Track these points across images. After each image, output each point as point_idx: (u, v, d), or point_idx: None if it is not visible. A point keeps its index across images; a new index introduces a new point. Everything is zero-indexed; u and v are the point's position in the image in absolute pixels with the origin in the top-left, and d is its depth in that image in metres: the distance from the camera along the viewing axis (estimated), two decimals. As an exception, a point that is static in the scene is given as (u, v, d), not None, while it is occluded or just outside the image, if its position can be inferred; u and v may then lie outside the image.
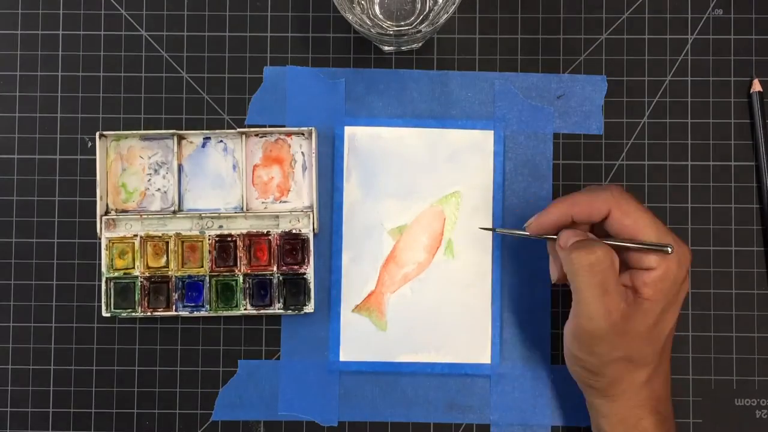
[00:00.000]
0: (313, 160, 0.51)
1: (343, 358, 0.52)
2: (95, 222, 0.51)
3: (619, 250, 0.43)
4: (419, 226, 0.52)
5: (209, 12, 0.53)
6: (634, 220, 0.43)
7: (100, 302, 0.51)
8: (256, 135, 0.52)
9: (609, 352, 0.43)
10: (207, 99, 0.53)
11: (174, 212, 0.51)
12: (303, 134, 0.52)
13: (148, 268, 0.51)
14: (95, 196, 0.51)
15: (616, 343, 0.43)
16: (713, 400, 0.52)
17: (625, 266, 0.44)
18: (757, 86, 0.52)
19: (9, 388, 0.52)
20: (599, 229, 0.45)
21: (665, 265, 0.42)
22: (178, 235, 0.51)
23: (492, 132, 0.52)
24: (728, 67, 0.53)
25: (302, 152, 0.52)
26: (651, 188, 0.52)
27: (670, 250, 0.42)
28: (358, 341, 0.52)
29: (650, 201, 0.52)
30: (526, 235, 0.46)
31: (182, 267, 0.51)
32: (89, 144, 0.53)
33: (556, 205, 0.45)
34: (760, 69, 0.53)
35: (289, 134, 0.52)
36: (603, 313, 0.42)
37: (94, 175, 0.51)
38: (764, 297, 0.52)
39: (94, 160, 0.51)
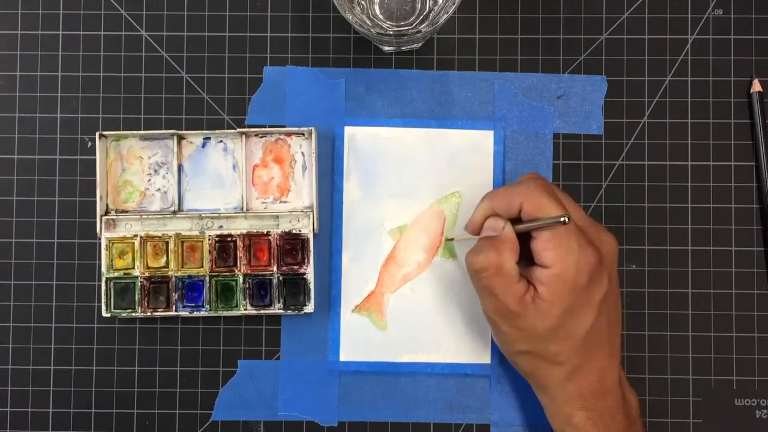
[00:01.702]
0: (313, 160, 0.51)
1: (343, 358, 0.52)
2: (95, 222, 0.51)
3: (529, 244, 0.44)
4: (419, 226, 0.52)
5: (209, 12, 0.53)
6: (541, 210, 0.43)
7: (100, 302, 0.51)
8: (256, 135, 0.52)
9: (511, 344, 0.45)
10: (207, 99, 0.53)
11: (174, 212, 0.51)
12: (303, 134, 0.52)
13: (148, 268, 0.51)
14: (95, 196, 0.51)
15: (514, 337, 0.45)
16: (713, 400, 0.52)
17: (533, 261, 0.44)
18: (757, 86, 0.52)
19: (9, 388, 0.52)
20: None
21: (561, 266, 0.43)
22: (178, 235, 0.51)
23: (492, 132, 0.52)
24: (728, 67, 0.53)
25: (302, 152, 0.52)
26: (651, 188, 0.52)
27: (564, 220, 0.42)
28: (358, 341, 0.52)
29: (650, 201, 0.52)
30: (474, 237, 0.47)
31: (182, 267, 0.51)
32: (89, 144, 0.53)
33: (481, 202, 0.46)
34: (760, 69, 0.53)
35: (289, 134, 0.52)
36: (492, 310, 0.45)
37: (94, 175, 0.51)
38: (764, 297, 0.52)
39: (94, 160, 0.51)
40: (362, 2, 0.50)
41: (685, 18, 0.53)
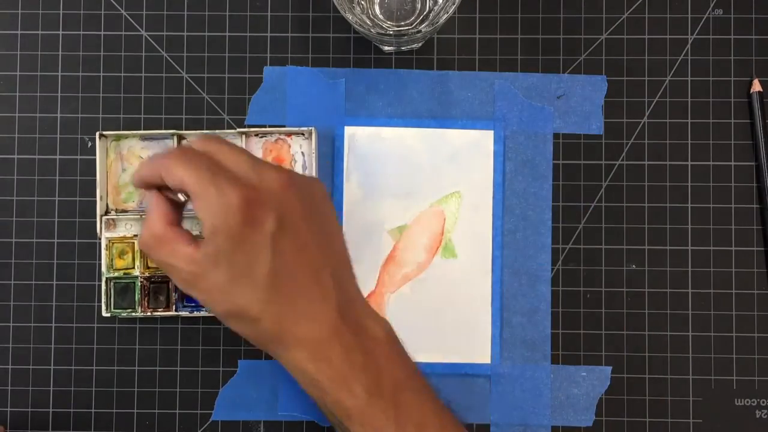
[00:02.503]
0: (313, 160, 0.51)
1: (343, 358, 0.52)
2: (95, 222, 0.51)
3: None
4: (419, 226, 0.52)
5: (209, 12, 0.53)
6: (178, 181, 0.41)
7: (100, 302, 0.51)
8: (256, 135, 0.52)
9: (213, 310, 0.42)
10: (207, 99, 0.53)
11: (174, 212, 0.51)
12: (303, 134, 0.52)
13: (148, 268, 0.51)
14: (95, 196, 0.51)
15: (209, 301, 0.42)
16: (713, 400, 0.52)
17: None
18: (757, 86, 0.52)
19: (9, 388, 0.52)
20: None
21: (209, 218, 0.40)
22: (178, 235, 0.51)
23: (492, 132, 0.52)
24: (728, 67, 0.53)
25: (302, 152, 0.52)
26: (651, 188, 0.52)
27: (181, 198, 0.41)
28: (358, 341, 0.52)
29: (650, 201, 0.52)
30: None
31: (182, 267, 0.51)
32: (89, 144, 0.53)
33: (135, 172, 0.44)
34: (760, 69, 0.53)
35: (289, 134, 0.52)
36: (180, 281, 0.42)
37: (94, 175, 0.51)
38: (764, 297, 0.52)
39: (94, 160, 0.51)
40: (362, 2, 0.50)
41: (685, 18, 0.53)
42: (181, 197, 0.42)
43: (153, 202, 0.43)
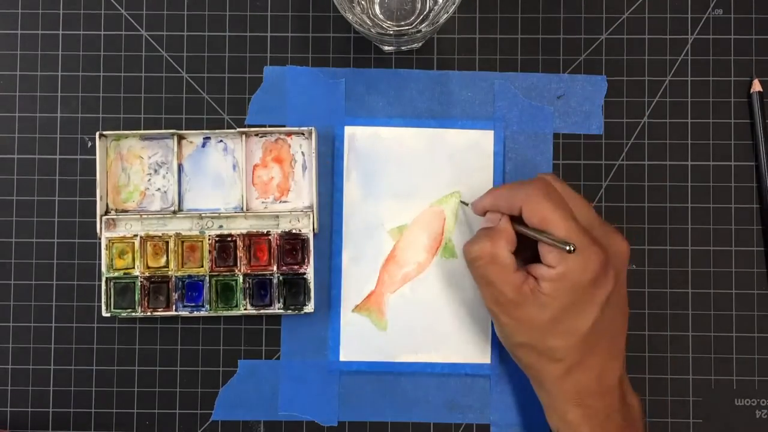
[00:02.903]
0: (313, 160, 0.51)
1: (343, 358, 0.52)
2: (95, 222, 0.51)
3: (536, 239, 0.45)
4: (419, 226, 0.52)
5: (209, 12, 0.53)
6: (540, 219, 0.44)
7: (100, 302, 0.51)
8: (256, 135, 0.52)
9: (511, 335, 0.45)
10: (207, 99, 0.53)
11: (174, 212, 0.51)
12: (303, 134, 0.52)
13: (148, 268, 0.51)
14: (95, 196, 0.51)
15: (514, 328, 0.45)
16: (713, 400, 0.52)
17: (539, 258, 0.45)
18: (757, 86, 0.52)
19: (9, 388, 0.52)
20: None
21: (565, 266, 0.43)
22: (178, 234, 0.51)
23: (492, 132, 0.52)
24: (728, 67, 0.53)
25: (302, 152, 0.52)
26: (651, 188, 0.52)
27: (570, 248, 0.42)
28: (358, 341, 0.52)
29: (650, 201, 0.52)
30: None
31: (182, 267, 0.51)
32: (89, 144, 0.53)
33: (488, 194, 0.47)
34: (760, 69, 0.53)
35: (289, 134, 0.52)
36: (491, 300, 0.45)
37: (94, 175, 0.51)
38: (764, 297, 0.52)
39: (94, 160, 0.51)
40: (362, 2, 0.50)
41: (685, 18, 0.53)
42: (568, 248, 0.42)
43: (504, 226, 0.45)
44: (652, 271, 0.52)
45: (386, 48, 0.52)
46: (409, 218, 0.52)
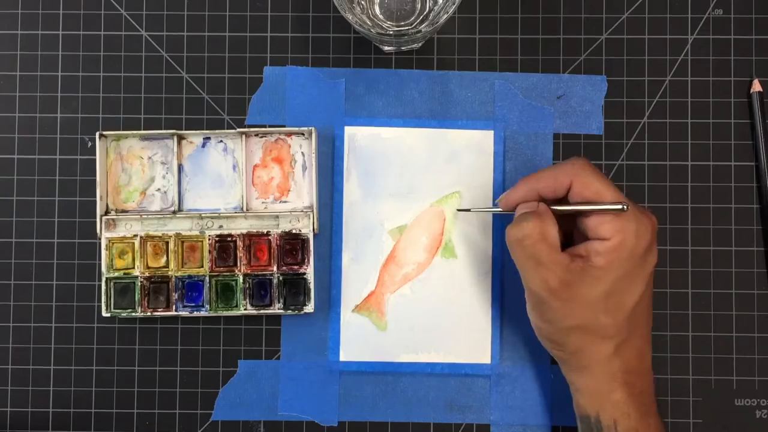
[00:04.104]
0: (313, 160, 0.51)
1: (343, 358, 0.52)
2: (95, 222, 0.51)
3: (576, 220, 0.45)
4: (419, 226, 0.52)
5: (209, 12, 0.53)
6: (594, 192, 0.44)
7: (100, 302, 0.51)
8: (256, 135, 0.52)
9: (561, 320, 0.44)
10: (207, 99, 0.53)
11: (174, 212, 0.51)
12: (303, 134, 0.52)
13: (148, 268, 0.51)
14: (95, 196, 0.51)
15: (565, 311, 0.44)
16: (713, 400, 0.52)
17: (585, 237, 0.45)
18: (757, 86, 0.52)
19: (9, 388, 0.52)
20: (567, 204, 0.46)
21: (621, 236, 0.43)
22: (178, 235, 0.51)
23: (492, 132, 0.52)
24: (728, 67, 0.53)
25: (302, 152, 0.52)
26: (651, 188, 0.52)
27: (624, 207, 0.42)
28: (358, 341, 0.52)
29: (650, 201, 0.52)
30: (499, 210, 0.47)
31: (182, 267, 0.51)
32: (89, 144, 0.53)
33: (524, 181, 0.46)
34: (760, 69, 0.53)
35: (289, 134, 0.52)
36: (539, 282, 0.44)
37: (94, 175, 0.51)
38: (764, 297, 0.52)
39: (94, 160, 0.51)
40: (362, 2, 0.50)
41: (685, 18, 0.53)
42: (622, 207, 0.43)
43: (545, 208, 0.45)
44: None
45: (386, 48, 0.52)
46: (409, 218, 0.52)
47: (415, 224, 0.52)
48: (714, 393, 0.52)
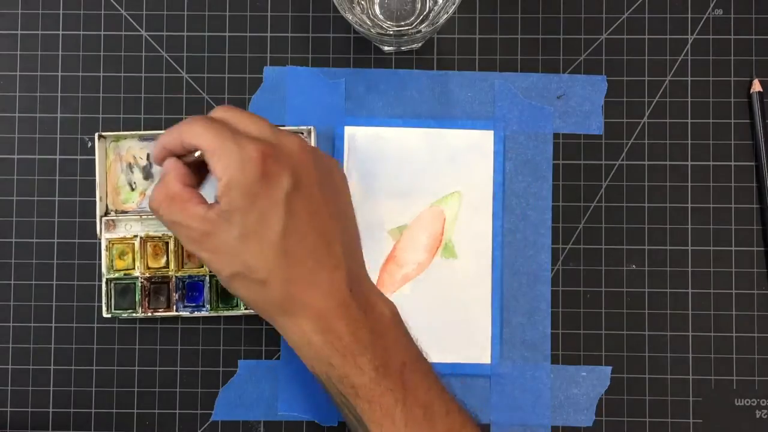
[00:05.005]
0: (313, 160, 0.51)
1: (343, 358, 0.52)
2: (95, 222, 0.51)
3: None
4: (419, 226, 0.52)
5: (209, 12, 0.53)
6: (195, 140, 0.41)
7: (101, 302, 0.51)
8: (256, 135, 0.52)
9: (219, 270, 0.42)
10: (207, 99, 0.53)
11: (174, 212, 0.51)
12: (303, 134, 0.52)
13: (149, 268, 0.51)
14: (95, 197, 0.51)
15: (216, 261, 0.42)
16: (713, 400, 0.52)
17: None
18: (757, 86, 0.52)
19: (9, 388, 0.52)
20: None
21: (228, 173, 0.40)
22: (178, 235, 0.51)
23: (492, 132, 0.52)
24: (728, 67, 0.53)
25: (302, 152, 0.52)
26: (651, 188, 0.52)
27: (197, 155, 0.41)
28: (358, 341, 0.52)
29: (650, 201, 0.52)
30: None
31: (182, 267, 0.51)
32: (89, 144, 0.53)
33: (157, 143, 0.44)
34: (760, 69, 0.53)
35: (289, 134, 0.52)
36: (186, 240, 0.42)
37: (94, 175, 0.51)
38: (764, 297, 0.52)
39: (94, 160, 0.51)
40: (362, 2, 0.50)
41: (685, 18, 0.53)
42: (197, 155, 0.42)
43: (170, 163, 0.43)
44: (652, 271, 0.52)
45: (386, 48, 0.52)
46: (409, 218, 0.52)
47: (415, 224, 0.52)
48: (714, 393, 0.52)
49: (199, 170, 0.44)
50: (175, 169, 0.43)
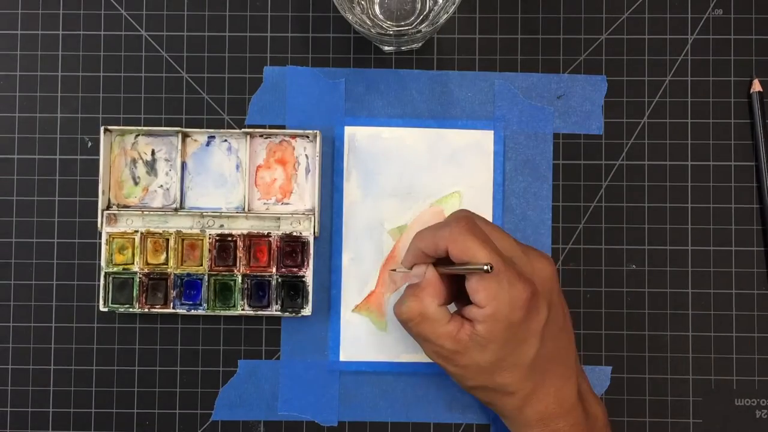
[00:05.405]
0: (317, 163, 0.51)
1: (343, 358, 0.52)
2: (95, 222, 0.51)
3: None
4: (419, 226, 0.52)
5: (209, 12, 0.53)
6: (471, 255, 0.43)
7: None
8: (261, 136, 0.52)
9: (462, 381, 0.46)
10: (207, 99, 0.53)
11: (175, 209, 0.51)
12: (307, 137, 0.52)
13: (148, 264, 0.51)
14: (95, 196, 0.51)
15: (462, 375, 0.45)
16: (713, 400, 0.52)
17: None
18: (757, 86, 0.52)
19: (9, 388, 0.52)
20: None
21: (494, 305, 0.42)
22: (178, 232, 0.51)
23: (492, 132, 0.53)
24: (728, 67, 0.53)
25: (306, 155, 0.52)
26: (651, 188, 0.52)
27: (487, 268, 0.41)
28: (358, 341, 0.52)
29: (650, 201, 0.52)
30: (409, 271, 0.47)
31: (181, 265, 0.51)
32: (89, 144, 0.53)
33: (412, 242, 0.46)
34: (760, 69, 0.53)
35: (293, 136, 0.52)
36: (432, 354, 0.46)
37: (94, 174, 0.51)
38: (764, 297, 0.52)
39: (94, 160, 0.51)
40: (362, 2, 0.50)
41: (685, 18, 0.53)
42: (485, 268, 0.42)
43: (429, 278, 0.45)
44: (652, 271, 0.52)
45: (386, 48, 0.52)
46: (409, 218, 0.52)
47: (415, 224, 0.52)
48: (714, 393, 0.52)
49: (450, 284, 0.46)
50: (434, 286, 0.45)
